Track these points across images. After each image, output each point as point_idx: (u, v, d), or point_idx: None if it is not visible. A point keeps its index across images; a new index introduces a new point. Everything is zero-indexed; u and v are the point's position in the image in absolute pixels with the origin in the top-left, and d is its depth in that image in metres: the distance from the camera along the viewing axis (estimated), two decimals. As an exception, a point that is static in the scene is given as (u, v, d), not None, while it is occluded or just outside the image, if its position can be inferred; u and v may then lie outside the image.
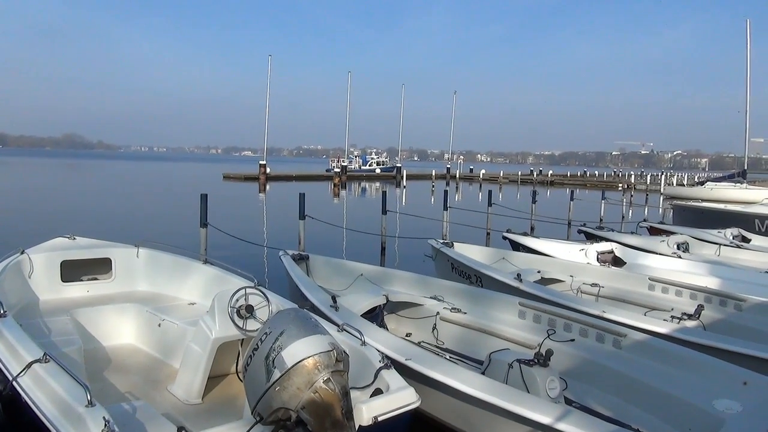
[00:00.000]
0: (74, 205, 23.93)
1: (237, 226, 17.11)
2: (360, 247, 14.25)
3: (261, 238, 15.44)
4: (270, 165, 51.48)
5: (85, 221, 18.20)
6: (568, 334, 5.29)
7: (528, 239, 9.94)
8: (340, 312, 5.14)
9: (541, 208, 19.15)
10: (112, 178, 50.85)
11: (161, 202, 26.68)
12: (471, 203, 29.46)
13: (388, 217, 13.64)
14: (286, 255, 7.21)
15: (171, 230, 16.69)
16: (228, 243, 12.48)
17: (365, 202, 32.25)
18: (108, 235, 7.28)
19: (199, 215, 9.93)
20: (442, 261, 8.39)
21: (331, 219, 15.74)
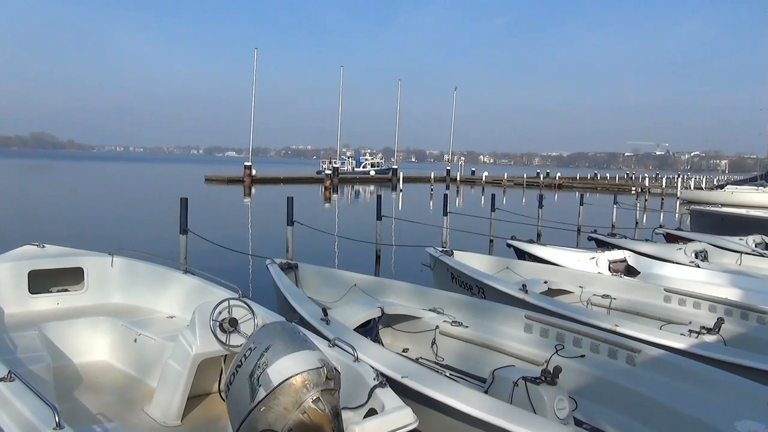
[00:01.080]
0: (43, 210, 23.83)
1: (220, 233, 17.06)
2: (353, 256, 14.24)
3: (246, 245, 15.41)
4: (256, 166, 51.46)
5: (55, 228, 18.13)
6: (578, 350, 5.29)
7: (534, 247, 9.94)
8: (332, 325, 5.14)
9: (548, 214, 19.21)
10: (85, 180, 50.71)
11: (138, 206, 26.61)
12: (472, 208, 29.52)
13: (383, 223, 13.65)
14: (274, 264, 7.20)
15: (148, 237, 16.64)
16: (210, 251, 12.44)
17: (359, 207, 32.26)
18: (80, 243, 7.26)
19: (178, 221, 9.91)
20: (442, 270, 8.39)
21: (322, 225, 15.73)
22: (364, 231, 16.93)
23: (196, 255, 11.57)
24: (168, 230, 16.48)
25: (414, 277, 10.17)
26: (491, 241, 15.92)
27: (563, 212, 27.69)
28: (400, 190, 45.97)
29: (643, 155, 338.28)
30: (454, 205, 30.57)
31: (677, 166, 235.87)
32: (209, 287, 5.79)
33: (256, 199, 35.02)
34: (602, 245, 11.20)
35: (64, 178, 52.93)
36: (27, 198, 29.75)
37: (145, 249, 7.05)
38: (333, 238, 15.89)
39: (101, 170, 74.07)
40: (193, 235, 9.81)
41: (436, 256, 8.50)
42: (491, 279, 7.35)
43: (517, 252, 10.22)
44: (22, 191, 34.54)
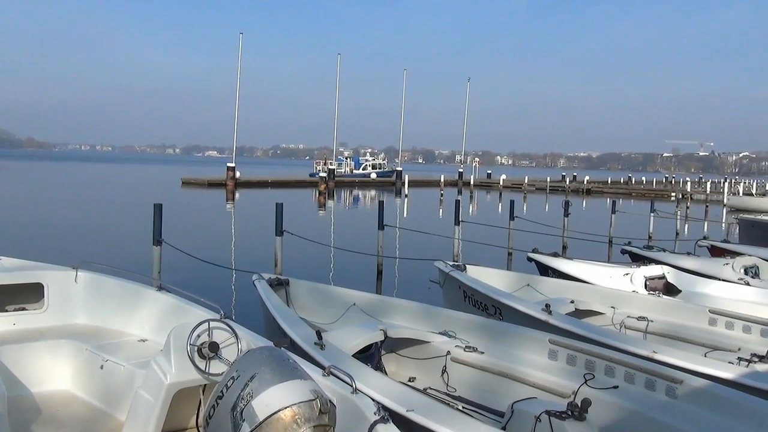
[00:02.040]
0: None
1: (199, 244, 17.10)
2: (351, 270, 14.23)
3: (229, 258, 15.43)
4: (240, 168, 51.61)
5: (10, 238, 18.17)
6: (610, 380, 5.27)
7: (559, 261, 9.96)
8: (327, 351, 5.13)
9: (575, 223, 19.18)
10: (45, 182, 50.89)
11: (105, 213, 26.68)
12: (488, 216, 29.52)
13: (386, 233, 13.66)
14: (261, 280, 7.20)
15: (117, 249, 16.67)
16: (188, 265, 12.43)
17: (358, 215, 32.30)
18: (39, 255, 7.27)
19: (151, 230, 9.92)
20: (453, 288, 8.40)
21: (316, 235, 15.74)
22: (363, 242, 16.91)
23: (171, 269, 11.56)
24: (140, 241, 16.48)
25: (421, 295, 10.15)
26: (510, 255, 15.91)
27: (592, 221, 27.64)
28: (405, 195, 46.05)
29: (685, 156, 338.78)
30: (467, 213, 30.59)
31: (723, 169, 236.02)
32: (186, 306, 5.79)
33: (241, 206, 35.09)
34: (637, 259, 11.18)
35: (21, 181, 53.13)
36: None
37: (113, 262, 7.07)
38: (328, 250, 15.91)
39: (64, 172, 74.37)
40: (169, 247, 9.82)
41: (447, 271, 8.51)
42: (510, 298, 7.34)
43: (540, 267, 10.21)
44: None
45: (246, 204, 36.50)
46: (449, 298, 8.52)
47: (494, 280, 8.60)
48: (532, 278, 8.79)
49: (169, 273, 10.44)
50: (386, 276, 13.39)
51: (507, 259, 15.80)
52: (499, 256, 15.67)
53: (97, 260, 6.95)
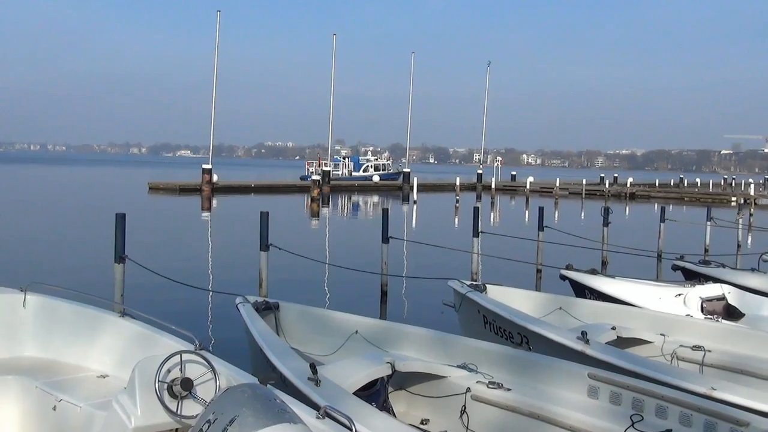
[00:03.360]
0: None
1: (170, 261, 17.12)
2: (351, 291, 14.22)
3: (205, 278, 15.43)
4: (218, 170, 51.63)
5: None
6: (662, 422, 5.25)
7: (598, 279, 9.95)
8: (323, 388, 5.13)
9: (616, 234, 19.13)
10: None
11: (59, 225, 26.76)
12: (513, 226, 29.47)
13: (391, 246, 13.65)
14: (246, 303, 7.22)
15: (73, 267, 16.71)
16: (156, 286, 12.41)
17: (358, 225, 32.33)
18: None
19: (113, 245, 9.94)
20: (471, 312, 8.39)
21: (309, 250, 15.73)
22: (365, 258, 16.86)
23: (137, 291, 11.54)
24: (99, 258, 16.46)
25: (433, 320, 10.13)
26: (539, 272, 15.88)
27: (637, 232, 27.55)
28: (413, 201, 46.09)
29: (747, 153, 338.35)
30: (487, 223, 30.58)
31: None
32: (155, 336, 5.79)
33: (219, 215, 35.15)
34: (692, 277, 11.15)
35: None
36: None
37: (68, 283, 7.09)
38: (323, 267, 15.90)
39: (9, 175, 74.67)
40: (133, 265, 9.82)
41: (463, 292, 8.50)
42: (539, 324, 7.33)
43: (575, 286, 10.20)
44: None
45: (225, 213, 36.54)
46: (467, 325, 8.51)
47: (520, 302, 8.60)
48: (566, 300, 8.79)
49: (134, 296, 10.44)
50: (392, 298, 13.37)
51: (535, 277, 15.77)
52: (526, 274, 15.62)
53: (49, 281, 6.96)
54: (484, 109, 73.43)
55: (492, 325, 7.96)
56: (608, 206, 19.56)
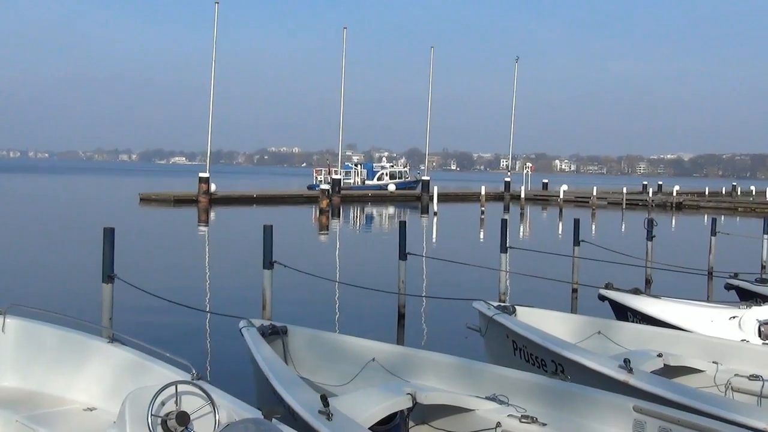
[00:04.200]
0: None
1: (163, 280, 17.13)
2: (365, 313, 14.20)
3: (202, 298, 15.46)
4: (216, 179, 51.83)
5: None
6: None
7: (641, 300, 9.91)
8: (336, 422, 5.12)
9: (661, 249, 18.99)
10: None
11: (41, 241, 26.94)
12: (545, 240, 29.34)
13: (409, 263, 13.63)
14: (250, 327, 7.23)
15: (57, 287, 16.79)
16: (149, 308, 12.44)
17: (372, 240, 32.31)
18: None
19: (101, 263, 9.98)
20: (498, 337, 8.37)
21: (318, 267, 15.71)
22: (380, 276, 16.83)
23: (127, 314, 11.56)
24: (85, 277, 16.54)
25: (457, 346, 10.11)
26: (574, 292, 15.80)
27: (685, 246, 27.36)
28: (434, 213, 46.07)
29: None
30: (516, 236, 30.49)
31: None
32: (147, 364, 5.80)
33: (218, 229, 35.27)
34: (748, 297, 11.06)
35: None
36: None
37: (52, 305, 7.12)
38: (333, 286, 15.90)
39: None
40: (123, 285, 9.85)
41: (490, 314, 8.48)
42: (576, 350, 7.30)
43: (615, 308, 10.15)
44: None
45: (224, 226, 36.66)
46: (494, 351, 8.50)
47: (554, 325, 8.58)
48: (606, 323, 8.75)
49: (124, 319, 10.47)
50: (410, 321, 13.34)
51: (571, 297, 15.69)
52: (561, 294, 15.55)
53: (30, 303, 7.01)
54: (512, 110, 73.32)
55: (523, 351, 7.93)
56: (652, 218, 19.45)
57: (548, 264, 17.27)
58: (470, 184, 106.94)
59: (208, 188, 48.13)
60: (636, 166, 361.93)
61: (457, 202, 62.55)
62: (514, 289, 14.69)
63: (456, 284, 17.20)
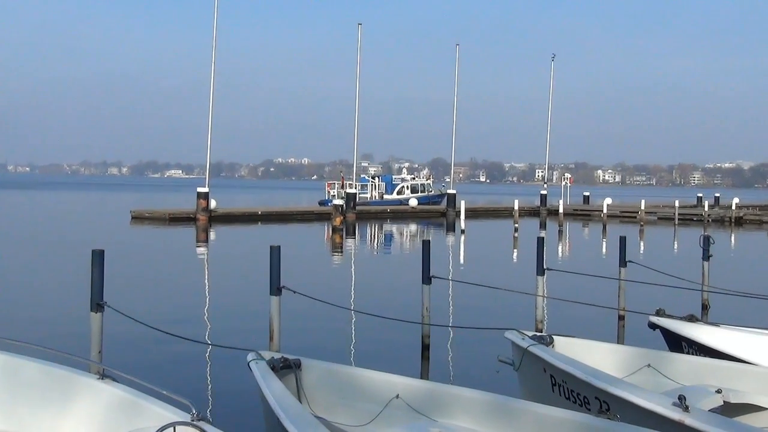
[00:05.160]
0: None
1: (158, 308, 17.15)
2: (386, 344, 14.18)
3: (202, 327, 15.51)
4: (217, 194, 51.93)
5: None
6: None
7: (697, 328, 9.86)
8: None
9: (720, 270, 18.85)
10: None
11: (23, 265, 27.10)
12: (587, 261, 29.19)
13: (434, 288, 13.62)
14: (260, 361, 7.27)
15: (41, 317, 16.87)
16: (143, 338, 12.47)
17: (392, 262, 32.30)
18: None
19: (89, 289, 10.06)
20: (534, 370, 8.36)
21: (331, 293, 15.72)
22: (401, 302, 16.81)
23: (119, 346, 11.61)
24: (72, 305, 16.58)
25: (488, 380, 10.06)
26: (621, 319, 15.72)
27: (747, 267, 27.12)
28: (461, 230, 45.94)
29: None
30: (554, 257, 30.35)
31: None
32: (142, 403, 5.83)
33: (218, 250, 35.37)
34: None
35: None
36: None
37: (35, 338, 7.19)
38: (348, 314, 15.91)
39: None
40: (114, 313, 9.92)
41: (525, 346, 8.48)
42: (624, 386, 7.27)
43: (668, 337, 10.11)
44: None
45: (226, 247, 36.75)
46: (530, 387, 8.49)
47: (598, 358, 8.56)
48: (657, 355, 8.73)
49: (115, 352, 10.53)
50: (436, 353, 13.32)
51: (617, 326, 15.61)
52: (605, 322, 15.48)
53: (11, 334, 7.07)
54: (548, 114, 73.40)
55: (562, 387, 7.91)
56: (708, 235, 19.32)
57: (591, 288, 17.19)
58: (502, 197, 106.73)
59: (207, 205, 48.24)
60: (689, 176, 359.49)
61: (487, 218, 62.38)
62: (552, 317, 14.66)
63: (486, 311, 17.16)
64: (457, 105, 67.17)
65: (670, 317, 10.18)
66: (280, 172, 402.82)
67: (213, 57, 50.90)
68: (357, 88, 58.82)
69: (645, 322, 10.49)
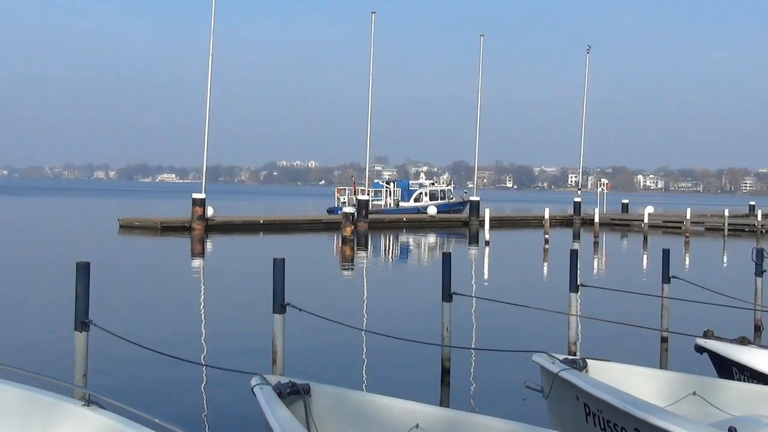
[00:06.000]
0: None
1: (150, 327, 17.15)
2: (402, 368, 14.17)
3: (198, 349, 15.54)
4: (214, 200, 51.92)
5: None
6: None
7: (749, 352, 9.83)
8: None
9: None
10: None
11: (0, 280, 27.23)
12: (625, 276, 29.11)
13: (455, 306, 13.62)
14: (265, 386, 7.30)
15: (20, 336, 16.95)
16: (132, 360, 12.50)
17: (408, 276, 32.29)
18: None
19: (73, 307, 10.10)
20: (566, 398, 8.36)
21: (340, 311, 15.74)
22: (418, 322, 16.82)
23: (106, 369, 11.64)
24: (54, 324, 16.65)
25: (514, 408, 10.05)
26: (664, 341, 15.68)
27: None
28: (485, 242, 45.92)
29: None
30: (589, 271, 30.28)
31: None
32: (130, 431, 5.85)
33: (216, 263, 35.42)
34: None
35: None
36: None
37: (14, 360, 7.22)
38: (360, 334, 15.92)
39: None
40: (101, 332, 9.96)
41: (556, 371, 8.47)
42: (666, 416, 7.24)
43: (717, 362, 10.09)
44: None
45: (224, 260, 36.76)
46: (560, 416, 8.50)
47: (637, 384, 8.56)
48: (704, 381, 8.71)
49: (102, 375, 10.56)
50: (457, 377, 13.31)
51: (659, 348, 15.57)
52: (646, 344, 15.46)
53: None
54: (583, 113, 73.20)
55: (598, 417, 7.90)
56: (762, 248, 19.23)
57: (630, 307, 17.17)
58: (531, 205, 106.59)
59: (203, 212, 48.25)
60: (740, 182, 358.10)
61: (514, 228, 62.29)
62: (586, 339, 14.60)
63: (513, 332, 17.14)
64: (482, 102, 67.35)
65: (719, 339, 10.14)
66: (285, 177, 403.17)
67: (211, 47, 51.05)
68: (370, 83, 58.91)
69: (691, 345, 10.46)
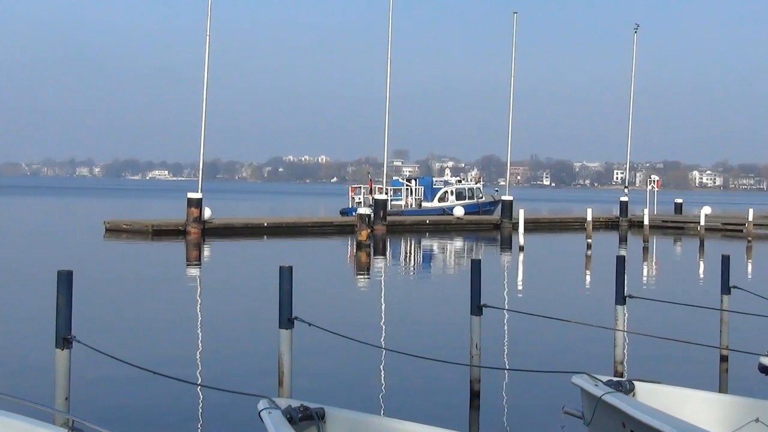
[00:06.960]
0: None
1: (140, 343, 17.22)
2: (427, 391, 14.20)
3: (194, 368, 15.59)
4: (212, 200, 52.05)
5: None
6: None
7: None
8: None
9: None
10: None
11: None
12: (678, 286, 29.04)
13: (485, 320, 13.63)
14: (274, 410, 7.36)
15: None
16: (119, 380, 12.55)
17: (431, 286, 32.30)
18: None
19: (53, 321, 10.15)
20: (610, 424, 8.38)
21: (354, 326, 15.76)
22: (443, 338, 16.82)
23: (92, 391, 11.69)
24: (32, 340, 16.78)
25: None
26: (723, 360, 15.63)
27: None
28: (519, 247, 45.86)
29: None
30: (638, 281, 30.24)
31: None
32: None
33: (214, 271, 35.50)
34: None
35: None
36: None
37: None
38: (378, 352, 15.93)
39: None
40: (85, 350, 10.02)
41: (599, 394, 8.50)
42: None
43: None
44: None
45: (224, 267, 36.86)
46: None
47: (692, 409, 8.59)
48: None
49: (86, 398, 10.59)
50: (488, 401, 13.31)
51: (718, 368, 15.53)
52: (702, 364, 15.44)
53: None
54: (630, 102, 72.88)
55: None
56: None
57: (684, 321, 17.15)
58: (571, 205, 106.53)
59: (200, 214, 48.32)
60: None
61: (552, 231, 62.26)
62: (633, 358, 14.57)
63: (550, 349, 17.11)
64: (515, 89, 66.78)
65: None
66: (291, 174, 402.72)
67: (207, 26, 51.17)
68: (388, 67, 58.78)
69: (754, 365, 10.45)
